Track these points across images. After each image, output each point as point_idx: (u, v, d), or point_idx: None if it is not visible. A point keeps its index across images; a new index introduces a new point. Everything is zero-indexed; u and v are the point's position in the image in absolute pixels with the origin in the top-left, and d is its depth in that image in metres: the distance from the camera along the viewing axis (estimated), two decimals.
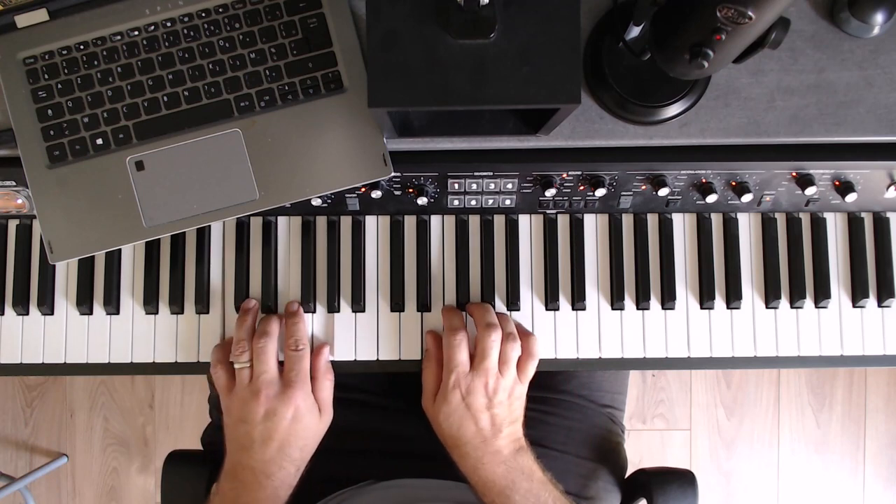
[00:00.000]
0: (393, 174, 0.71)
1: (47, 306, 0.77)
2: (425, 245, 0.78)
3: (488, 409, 0.70)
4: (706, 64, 0.56)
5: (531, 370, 0.74)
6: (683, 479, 0.86)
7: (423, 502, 0.77)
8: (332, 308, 0.77)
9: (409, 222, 0.78)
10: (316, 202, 0.75)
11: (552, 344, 0.78)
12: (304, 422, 0.71)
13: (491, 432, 0.70)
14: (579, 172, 0.74)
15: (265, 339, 0.72)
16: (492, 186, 0.75)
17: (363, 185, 0.73)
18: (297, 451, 0.71)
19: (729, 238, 0.79)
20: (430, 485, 0.79)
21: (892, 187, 0.76)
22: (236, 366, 0.72)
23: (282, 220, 0.78)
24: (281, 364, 0.73)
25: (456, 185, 0.75)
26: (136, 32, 0.71)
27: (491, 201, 0.77)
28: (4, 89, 0.71)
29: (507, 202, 0.77)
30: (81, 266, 0.77)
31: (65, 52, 0.71)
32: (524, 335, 0.75)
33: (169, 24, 0.71)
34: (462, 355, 0.72)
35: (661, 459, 1.71)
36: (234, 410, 0.72)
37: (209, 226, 0.78)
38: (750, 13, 0.50)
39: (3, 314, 0.78)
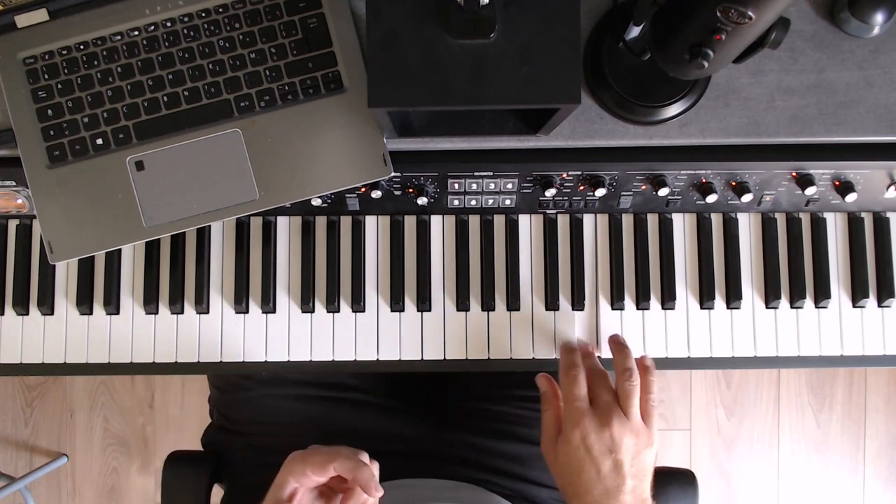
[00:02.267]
0: (393, 174, 0.71)
1: (47, 306, 0.77)
2: (425, 245, 0.78)
3: (611, 452, 0.64)
4: (706, 64, 0.56)
5: (654, 409, 0.69)
6: (683, 479, 0.86)
7: (425, 502, 0.77)
8: (332, 308, 0.77)
9: (409, 222, 0.78)
10: (316, 202, 0.75)
11: (552, 344, 0.78)
12: None
13: (614, 483, 0.64)
14: (579, 172, 0.74)
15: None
16: (492, 186, 0.75)
17: (363, 185, 0.73)
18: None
19: (729, 238, 0.79)
20: (432, 485, 0.80)
21: (892, 187, 0.76)
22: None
23: (282, 220, 0.78)
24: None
25: (456, 185, 0.75)
26: (136, 32, 0.71)
27: (491, 201, 0.77)
28: (4, 89, 0.71)
29: (507, 202, 0.77)
30: (81, 266, 0.77)
31: (65, 52, 0.71)
32: (643, 370, 0.70)
33: (169, 24, 0.71)
34: (580, 391, 0.68)
35: (661, 459, 1.69)
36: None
37: (209, 226, 0.78)
38: (750, 13, 0.50)
39: (3, 314, 0.78)
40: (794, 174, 0.75)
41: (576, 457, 0.65)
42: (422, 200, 0.75)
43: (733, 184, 0.76)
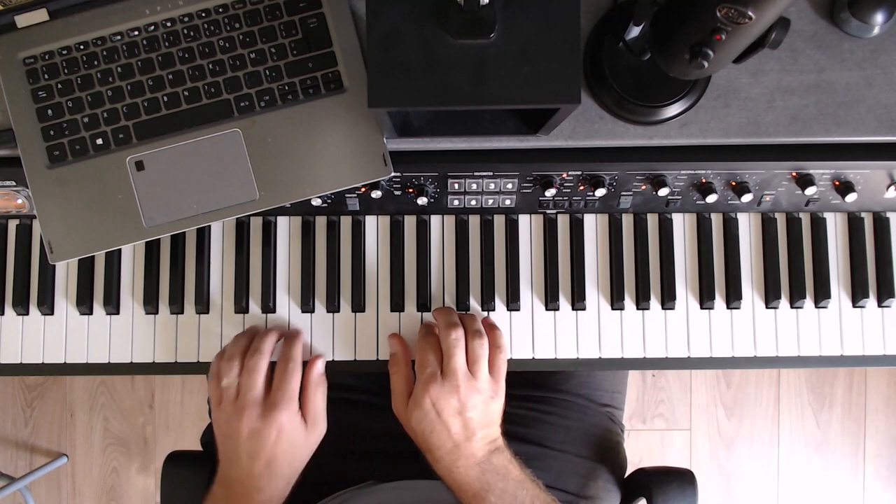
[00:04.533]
0: (393, 174, 0.71)
1: (47, 306, 0.77)
2: (425, 245, 0.78)
3: (460, 413, 0.68)
4: (706, 64, 0.56)
5: (502, 365, 0.72)
6: (683, 479, 0.86)
7: (424, 502, 0.77)
8: (332, 308, 0.77)
9: (409, 222, 0.78)
10: (316, 202, 0.75)
11: (552, 344, 0.78)
12: (290, 439, 0.70)
13: (464, 436, 0.69)
14: (579, 172, 0.74)
15: (257, 356, 0.72)
16: (492, 186, 0.75)
17: (363, 185, 0.73)
18: (286, 466, 0.71)
19: (729, 238, 0.79)
20: (432, 485, 0.79)
21: (892, 187, 0.76)
22: (224, 382, 0.72)
23: (282, 220, 0.78)
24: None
25: (456, 185, 0.75)
26: (136, 32, 0.71)
27: (491, 201, 0.77)
28: (4, 89, 0.71)
29: (507, 202, 0.77)
30: (81, 266, 0.77)
31: (65, 52, 0.71)
32: (489, 329, 0.74)
33: (169, 24, 0.71)
34: (431, 358, 0.70)
35: (661, 459, 1.71)
36: (221, 425, 0.72)
37: (209, 226, 0.78)
38: (750, 13, 0.50)
39: (3, 314, 0.78)
40: (794, 174, 0.75)
41: (427, 419, 0.69)
42: (422, 200, 0.75)
43: (733, 184, 0.76)
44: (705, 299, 0.78)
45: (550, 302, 0.78)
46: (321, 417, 0.74)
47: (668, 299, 0.78)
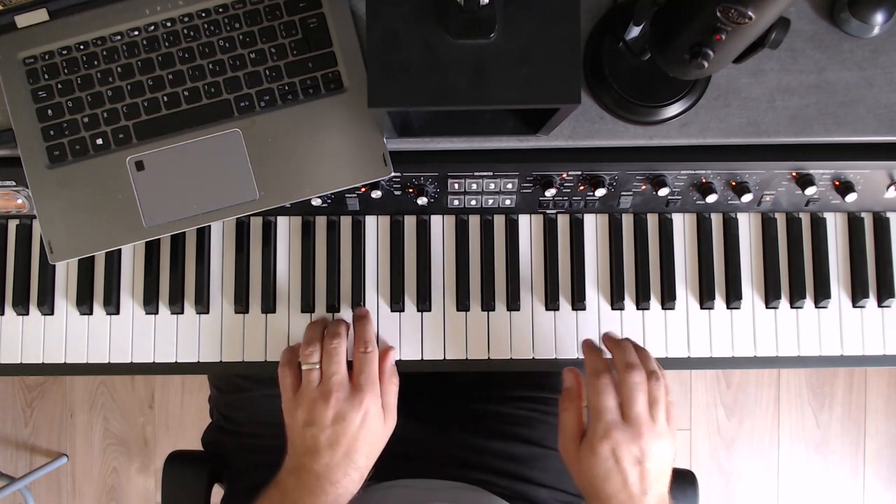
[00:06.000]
0: (393, 174, 0.71)
1: (47, 306, 0.77)
2: (425, 245, 0.78)
3: (640, 462, 0.64)
4: (706, 64, 0.56)
5: (672, 408, 0.69)
6: (683, 479, 0.86)
7: (426, 502, 0.77)
8: (332, 308, 0.77)
9: (409, 222, 0.78)
10: (316, 202, 0.75)
11: (552, 344, 0.78)
12: (371, 427, 0.69)
13: (639, 489, 0.64)
14: (579, 172, 0.74)
15: (337, 340, 0.71)
16: (492, 186, 0.75)
17: (363, 185, 0.73)
18: (363, 457, 0.69)
19: (729, 238, 0.79)
20: (432, 485, 0.79)
21: (892, 187, 0.76)
22: (304, 367, 0.70)
23: (282, 220, 0.78)
24: (349, 366, 0.72)
25: (456, 185, 0.75)
26: (136, 32, 0.71)
27: (491, 201, 0.77)
28: (4, 89, 0.71)
29: (507, 202, 0.77)
30: (81, 266, 0.77)
31: (65, 52, 0.71)
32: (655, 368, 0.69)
33: (169, 24, 0.71)
34: (611, 401, 0.66)
35: None
36: (302, 412, 0.69)
37: (209, 226, 0.78)
38: (750, 13, 0.50)
39: (3, 314, 0.78)
40: (794, 174, 0.75)
41: (603, 467, 0.64)
42: (422, 200, 0.75)
43: (733, 184, 0.76)
44: (705, 299, 0.78)
45: (550, 302, 0.78)
46: (394, 410, 0.73)
47: (668, 299, 0.78)
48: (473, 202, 0.77)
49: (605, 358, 0.71)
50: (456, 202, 0.77)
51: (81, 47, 0.71)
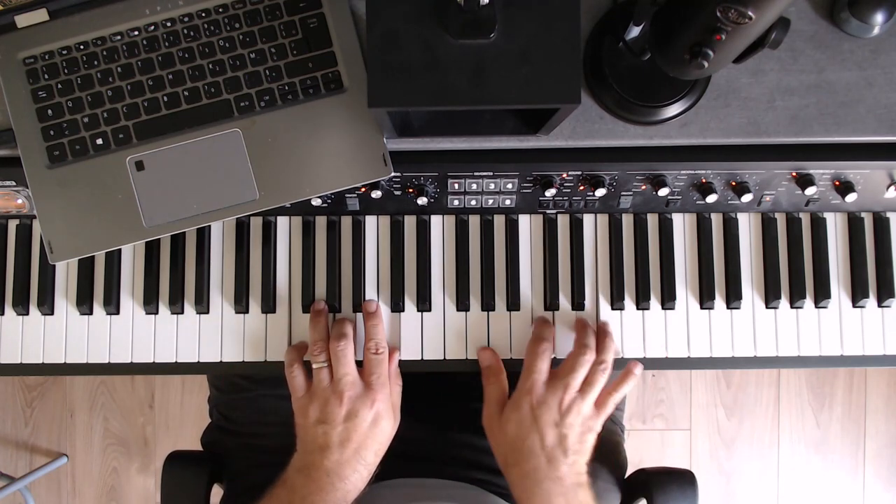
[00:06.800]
0: (393, 174, 0.71)
1: (47, 306, 0.77)
2: (425, 245, 0.78)
3: (557, 426, 0.67)
4: (706, 64, 0.56)
5: (610, 405, 0.71)
6: (683, 479, 0.86)
7: (424, 502, 0.77)
8: (333, 308, 0.77)
9: (409, 222, 0.78)
10: (316, 202, 0.75)
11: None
12: (381, 425, 0.71)
13: (558, 451, 0.67)
14: (579, 172, 0.74)
15: (344, 341, 0.72)
16: (492, 186, 0.75)
17: (363, 185, 0.73)
18: (373, 454, 0.71)
19: (729, 238, 0.79)
20: (430, 484, 0.80)
21: (892, 187, 0.76)
22: (315, 365, 0.72)
23: (282, 220, 0.78)
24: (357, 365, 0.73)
25: (456, 185, 0.75)
26: (136, 32, 0.71)
27: (491, 201, 0.77)
28: (4, 89, 0.71)
29: (507, 202, 0.77)
30: (81, 266, 0.77)
31: (65, 52, 0.71)
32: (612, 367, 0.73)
33: (169, 24, 0.71)
34: (544, 364, 0.70)
35: (661, 459, 1.71)
36: (314, 410, 0.71)
37: (209, 226, 0.78)
38: (750, 13, 0.50)
39: (3, 314, 0.78)
40: (794, 174, 0.75)
41: (523, 425, 0.67)
42: (422, 200, 0.75)
43: (733, 184, 0.76)
44: (705, 299, 0.78)
45: (550, 302, 0.78)
46: (398, 410, 0.75)
47: (668, 299, 0.78)
48: (473, 202, 0.77)
49: (552, 329, 0.75)
50: (456, 202, 0.77)
51: (81, 47, 0.71)
